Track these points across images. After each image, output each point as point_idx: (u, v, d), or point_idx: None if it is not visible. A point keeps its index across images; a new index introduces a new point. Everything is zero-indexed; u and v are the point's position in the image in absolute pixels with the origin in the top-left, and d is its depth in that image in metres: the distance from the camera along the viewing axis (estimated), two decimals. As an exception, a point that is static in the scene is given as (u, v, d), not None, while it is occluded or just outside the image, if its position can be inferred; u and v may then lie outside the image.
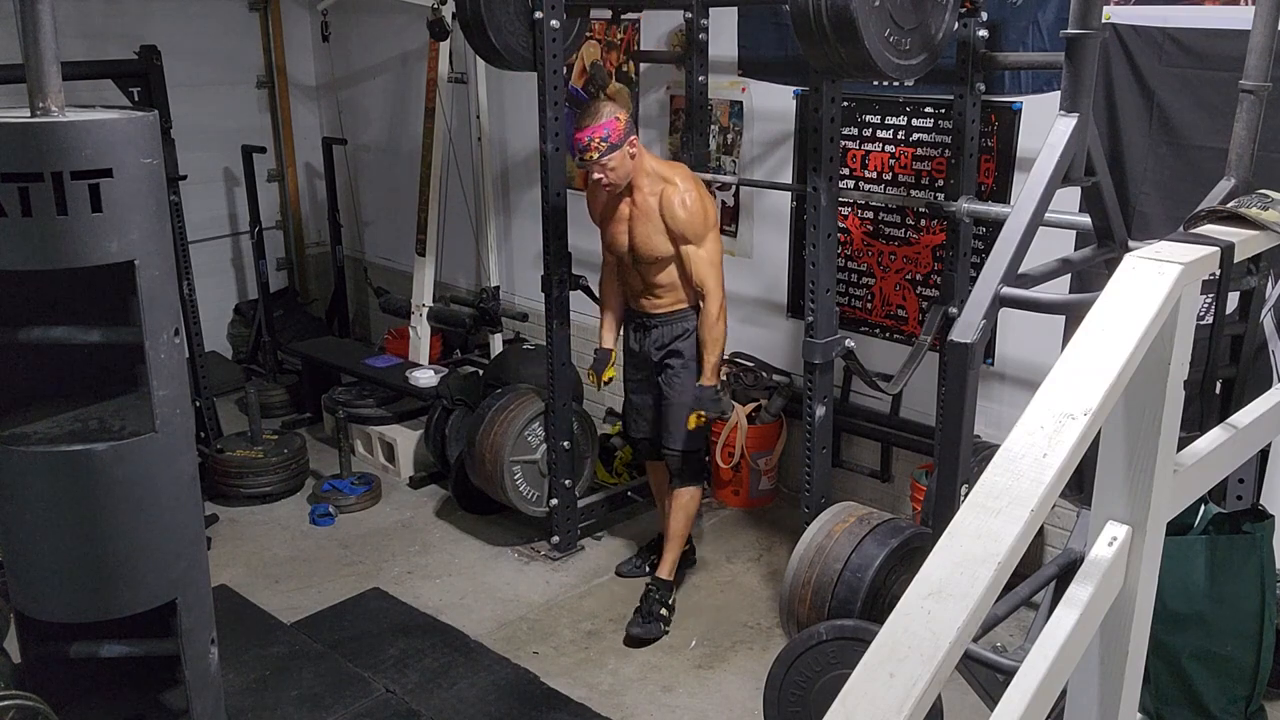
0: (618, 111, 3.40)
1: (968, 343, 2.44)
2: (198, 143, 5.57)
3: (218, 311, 6.22)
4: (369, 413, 5.13)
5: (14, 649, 2.94)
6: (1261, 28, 2.56)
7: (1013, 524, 1.08)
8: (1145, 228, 3.25)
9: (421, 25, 5.02)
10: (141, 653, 2.77)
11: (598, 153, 3.36)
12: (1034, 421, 1.19)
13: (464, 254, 5.87)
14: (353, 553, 4.32)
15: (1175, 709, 2.88)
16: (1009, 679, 1.40)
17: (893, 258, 4.13)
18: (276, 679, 3.46)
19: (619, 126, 3.36)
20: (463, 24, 3.93)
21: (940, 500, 2.67)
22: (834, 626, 2.88)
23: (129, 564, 2.52)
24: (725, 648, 3.64)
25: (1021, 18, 3.55)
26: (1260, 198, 1.72)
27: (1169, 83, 3.24)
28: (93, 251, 2.30)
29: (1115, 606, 1.43)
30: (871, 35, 2.77)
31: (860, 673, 0.98)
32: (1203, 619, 2.79)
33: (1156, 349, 1.33)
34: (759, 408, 4.48)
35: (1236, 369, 2.88)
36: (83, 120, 2.28)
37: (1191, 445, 1.57)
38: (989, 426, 3.75)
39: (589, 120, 3.36)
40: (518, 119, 5.37)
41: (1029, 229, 2.51)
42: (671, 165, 3.63)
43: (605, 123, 3.34)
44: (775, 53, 4.30)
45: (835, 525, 3.34)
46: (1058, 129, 2.59)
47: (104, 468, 2.43)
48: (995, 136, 3.71)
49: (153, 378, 2.44)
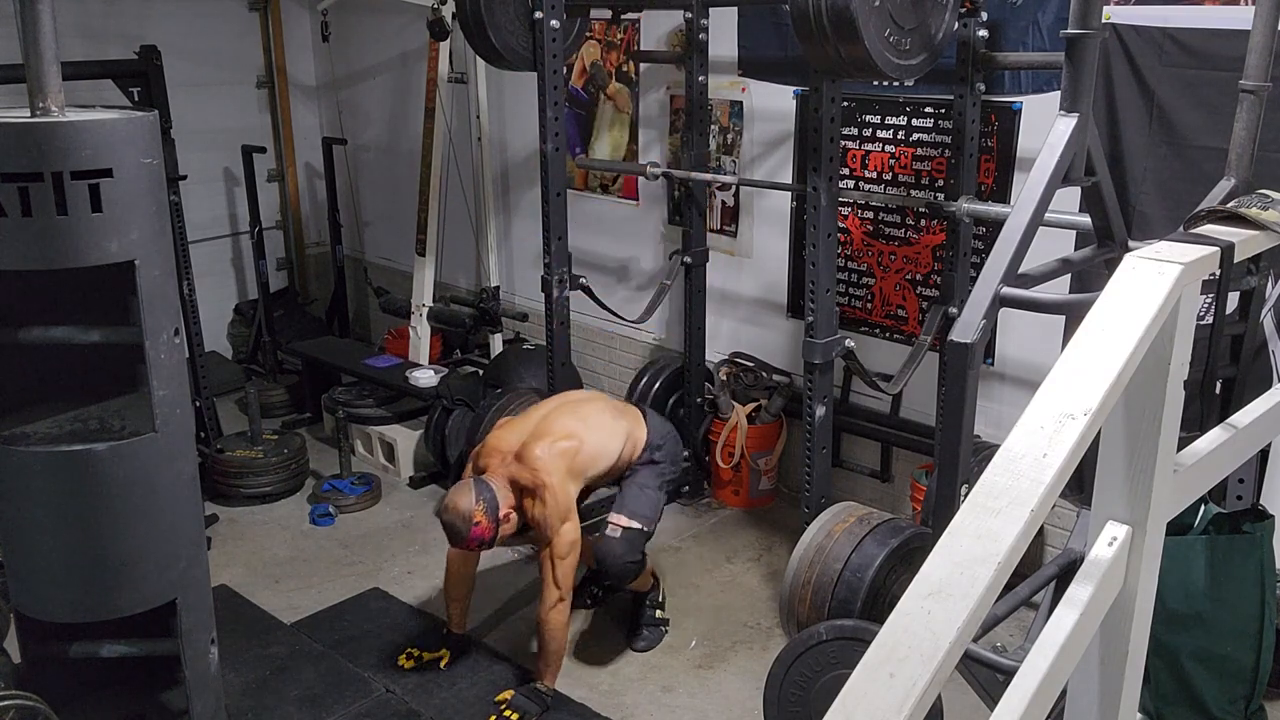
0: (472, 508, 3.14)
1: (968, 343, 2.44)
2: (198, 143, 5.57)
3: (218, 311, 6.22)
4: (369, 413, 5.13)
5: (14, 649, 2.94)
6: (1261, 28, 2.56)
7: (1013, 524, 1.08)
8: (1145, 228, 3.25)
9: (421, 25, 5.02)
10: (141, 653, 2.77)
11: (486, 548, 3.28)
12: (1034, 421, 1.19)
13: (464, 254, 5.87)
14: (353, 553, 4.32)
15: (1175, 709, 2.88)
16: (1009, 679, 1.40)
17: (893, 258, 4.13)
18: (276, 679, 3.45)
19: (483, 527, 3.16)
20: (463, 24, 3.93)
21: (940, 500, 2.67)
22: (834, 626, 2.87)
23: (129, 564, 2.53)
24: (725, 648, 3.64)
25: (1021, 18, 3.55)
26: (1260, 198, 1.71)
27: (1169, 83, 3.24)
28: (93, 251, 2.31)
29: (1115, 606, 1.43)
30: (871, 35, 2.77)
31: (860, 673, 0.98)
32: (1203, 619, 2.79)
33: (1156, 349, 1.33)
34: (759, 408, 4.48)
35: (1236, 369, 2.88)
36: (83, 120, 2.28)
37: (1191, 445, 1.57)
38: (989, 426, 3.75)
39: (456, 538, 3.19)
40: (518, 119, 5.37)
41: (1029, 229, 2.51)
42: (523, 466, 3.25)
43: (472, 535, 3.16)
44: (775, 53, 4.30)
45: (835, 525, 3.34)
46: (1058, 129, 2.59)
47: (104, 468, 2.43)
48: (995, 136, 3.71)
49: (153, 378, 2.44)
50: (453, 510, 3.19)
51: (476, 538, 3.18)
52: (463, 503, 3.18)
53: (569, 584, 3.27)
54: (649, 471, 3.55)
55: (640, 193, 4.96)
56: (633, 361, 5.12)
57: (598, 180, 5.14)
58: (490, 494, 3.21)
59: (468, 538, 3.18)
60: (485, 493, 3.21)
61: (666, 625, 3.73)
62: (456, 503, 3.19)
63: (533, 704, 3.26)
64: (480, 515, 3.17)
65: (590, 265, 5.02)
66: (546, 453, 3.26)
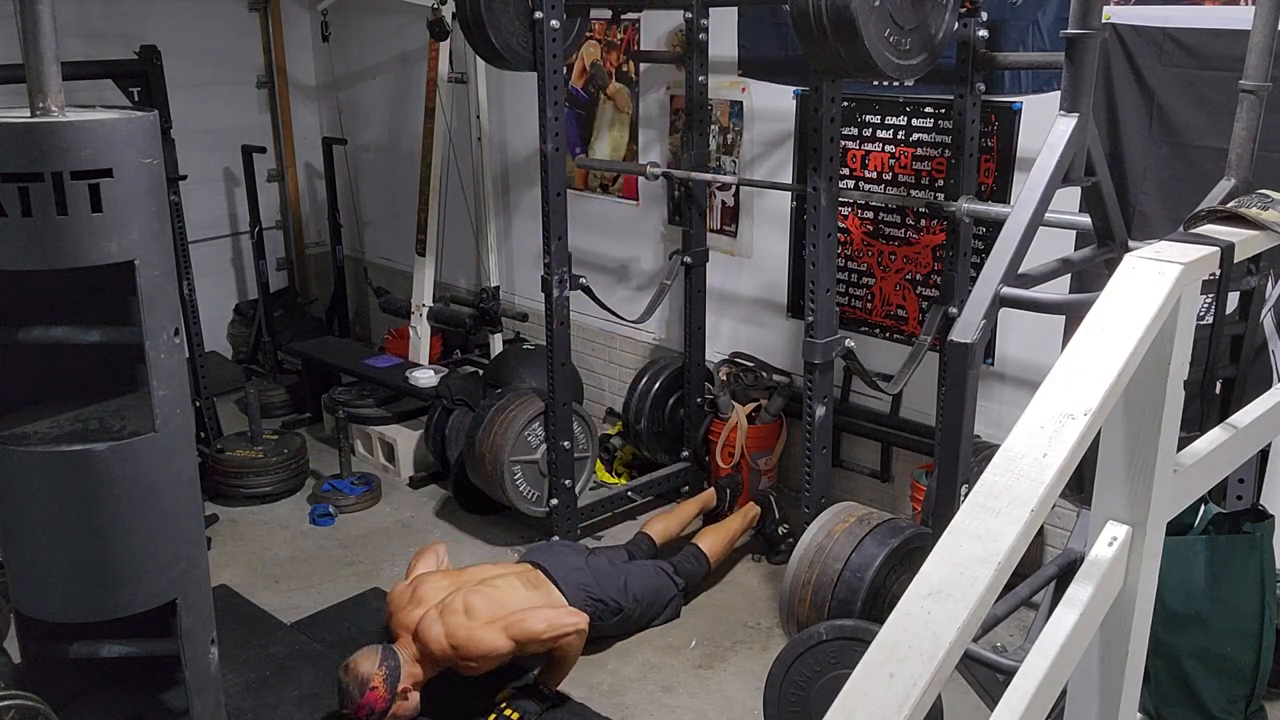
0: (371, 675, 3.05)
1: (968, 343, 2.44)
2: (198, 143, 5.57)
3: (218, 311, 6.22)
4: (369, 413, 5.13)
5: (14, 649, 2.94)
6: (1261, 28, 2.56)
7: (1013, 524, 1.08)
8: (1145, 228, 3.25)
9: (421, 25, 5.02)
10: (141, 653, 2.77)
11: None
12: (1034, 421, 1.19)
13: (464, 254, 5.87)
14: (353, 553, 4.32)
15: (1175, 709, 2.88)
16: (1009, 679, 1.40)
17: (893, 258, 4.13)
18: (276, 679, 3.46)
19: (380, 693, 3.04)
20: (463, 24, 3.93)
21: (940, 500, 2.67)
22: (834, 626, 2.87)
23: (129, 564, 2.53)
24: (725, 648, 3.64)
25: (1021, 18, 3.55)
26: (1260, 198, 1.71)
27: (1169, 83, 3.24)
28: (93, 251, 2.30)
29: (1115, 606, 1.43)
30: (871, 35, 2.77)
31: (860, 673, 0.98)
32: (1203, 619, 2.79)
33: (1156, 349, 1.33)
34: (759, 408, 4.48)
35: (1236, 369, 2.88)
36: (83, 120, 2.28)
37: (1191, 445, 1.57)
38: (989, 426, 3.75)
39: (348, 700, 3.07)
40: (518, 119, 5.37)
41: (1029, 229, 2.51)
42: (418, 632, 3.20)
43: (364, 700, 3.03)
44: (775, 53, 4.30)
45: (835, 525, 3.34)
46: (1058, 129, 2.59)
47: (104, 468, 2.43)
48: (995, 136, 3.70)
49: (153, 378, 2.44)
50: (352, 671, 3.09)
51: (367, 704, 3.03)
52: (364, 666, 3.08)
53: (570, 620, 3.24)
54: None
55: (640, 193, 4.96)
56: (633, 361, 5.12)
57: (598, 180, 5.14)
58: (394, 665, 3.11)
59: (358, 703, 3.04)
60: (390, 661, 3.11)
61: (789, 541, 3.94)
62: (358, 664, 3.10)
63: (533, 704, 3.25)
64: (379, 682, 3.05)
65: (590, 265, 5.02)
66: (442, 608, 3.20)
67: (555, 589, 3.46)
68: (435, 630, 3.18)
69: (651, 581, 3.67)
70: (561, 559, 3.62)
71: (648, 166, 4.39)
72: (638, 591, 3.62)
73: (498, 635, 3.17)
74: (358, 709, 3.07)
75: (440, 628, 3.18)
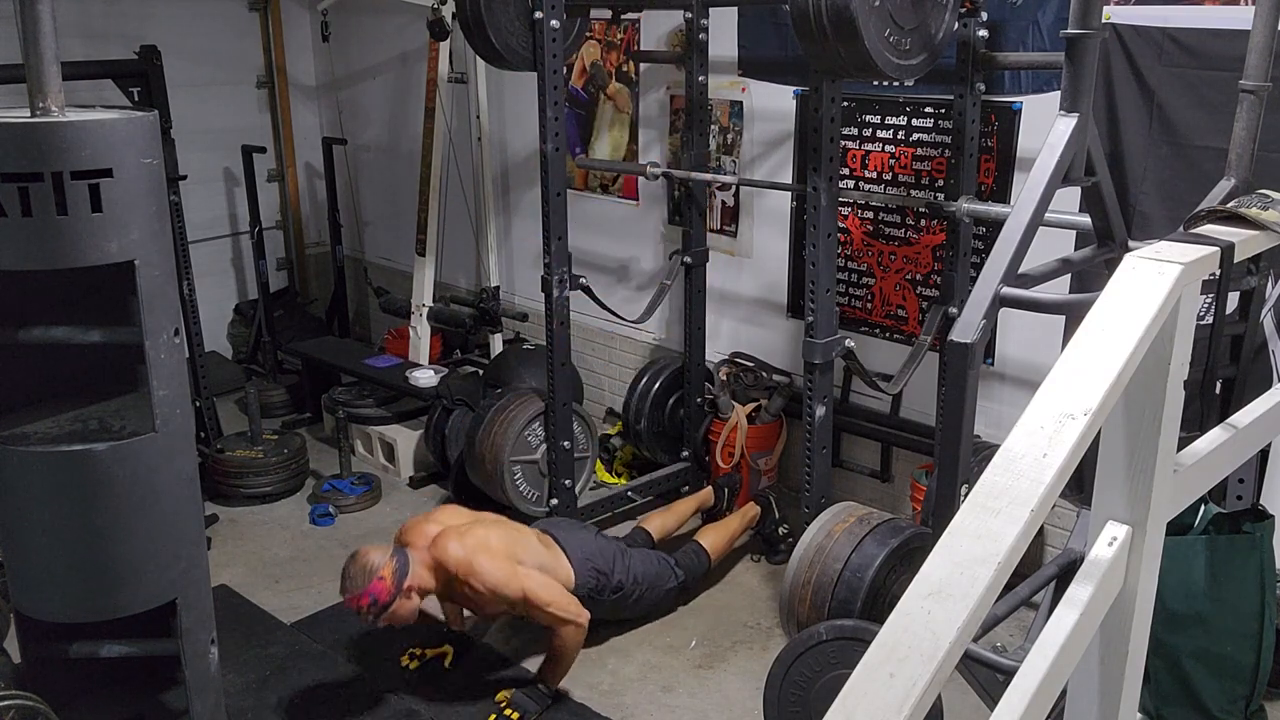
0: (379, 566, 3.07)
1: (968, 343, 2.44)
2: (198, 143, 5.57)
3: (218, 311, 6.22)
4: (369, 413, 5.13)
5: (14, 649, 2.94)
6: (1261, 28, 2.56)
7: (1013, 524, 1.08)
8: (1145, 228, 3.25)
9: (421, 25, 5.02)
10: (141, 653, 2.77)
11: (374, 615, 3.09)
12: (1034, 421, 1.19)
13: (464, 254, 5.87)
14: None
15: (1175, 709, 2.88)
16: (1009, 679, 1.40)
17: (893, 258, 4.13)
18: (276, 679, 3.46)
19: (385, 585, 3.05)
20: (463, 24, 3.93)
21: (940, 500, 2.67)
22: (834, 626, 2.87)
23: (129, 564, 2.53)
24: (725, 648, 3.64)
25: (1021, 18, 3.55)
26: (1260, 198, 1.71)
27: (1169, 83, 3.24)
28: (93, 251, 2.30)
29: (1115, 606, 1.43)
30: (871, 35, 2.77)
31: (860, 673, 0.98)
32: (1203, 619, 2.79)
33: (1156, 349, 1.33)
34: (759, 408, 4.48)
35: (1236, 369, 2.88)
36: (83, 120, 2.28)
37: (1191, 445, 1.57)
38: (989, 426, 3.75)
39: (351, 586, 3.08)
40: (518, 119, 5.37)
41: (1029, 229, 2.51)
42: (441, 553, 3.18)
43: (370, 587, 3.04)
44: (775, 53, 4.30)
45: (835, 525, 3.34)
46: (1058, 129, 2.59)
47: (104, 468, 2.43)
48: (995, 136, 3.70)
49: (153, 378, 2.44)
50: (361, 559, 3.10)
51: (371, 594, 3.03)
52: (374, 556, 3.11)
53: (572, 609, 3.24)
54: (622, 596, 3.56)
55: (640, 193, 4.96)
56: (633, 361, 5.12)
57: (598, 180, 5.14)
58: (404, 562, 3.13)
59: (363, 589, 3.03)
60: (400, 559, 3.13)
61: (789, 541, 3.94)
62: (368, 553, 3.12)
63: (533, 703, 3.25)
64: (387, 574, 3.06)
65: (590, 265, 5.02)
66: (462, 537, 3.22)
67: (564, 556, 3.47)
68: (453, 546, 3.18)
69: (653, 568, 3.68)
70: (570, 531, 3.65)
71: (648, 166, 4.39)
72: (639, 573, 3.62)
73: (511, 577, 3.16)
74: (361, 596, 3.04)
75: (459, 547, 3.17)
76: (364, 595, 3.05)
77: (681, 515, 4.14)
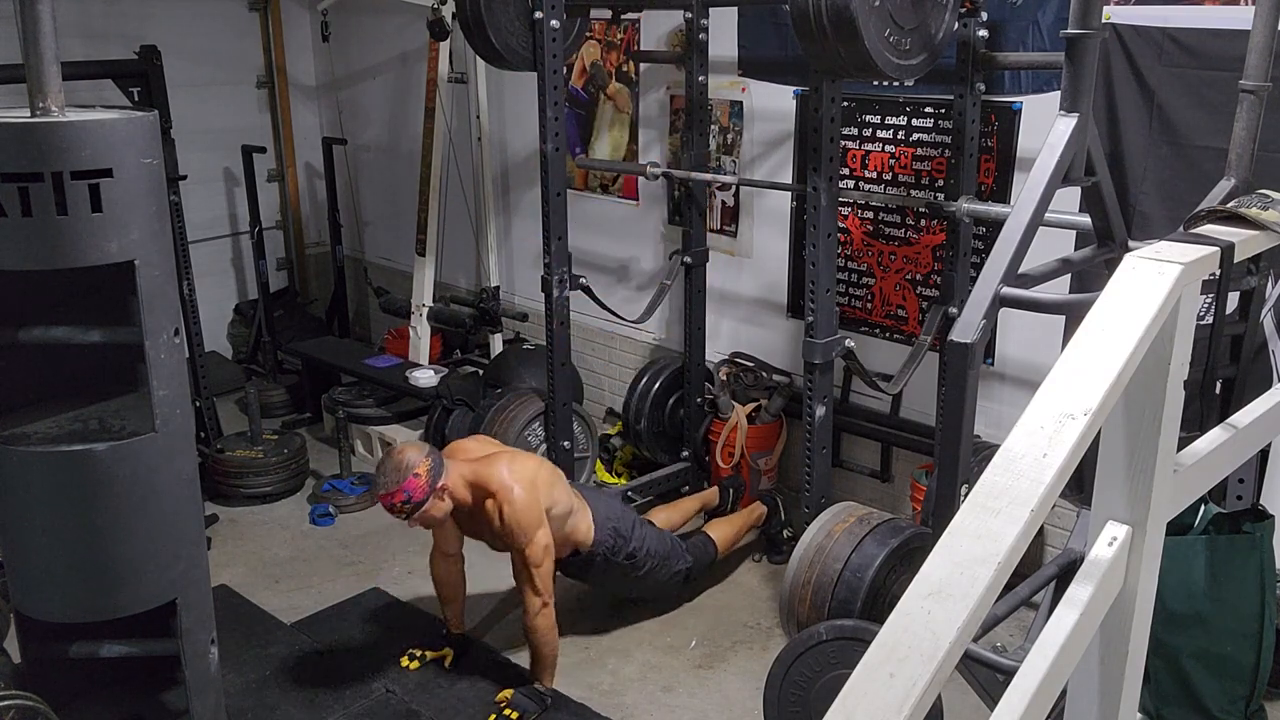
0: (417, 464, 3.06)
1: (968, 343, 2.44)
2: (198, 143, 5.57)
3: (218, 311, 6.22)
4: (369, 413, 5.13)
5: (14, 649, 2.94)
6: (1261, 28, 2.56)
7: (1013, 524, 1.08)
8: (1145, 228, 3.25)
9: (421, 25, 5.02)
10: (141, 653, 2.77)
11: (405, 514, 3.09)
12: (1034, 421, 1.19)
13: (464, 254, 5.87)
14: (353, 553, 4.32)
15: (1175, 709, 2.88)
16: (1009, 679, 1.40)
17: (893, 258, 4.13)
18: (276, 679, 3.45)
19: (420, 484, 3.05)
20: (463, 24, 3.93)
21: (940, 500, 2.67)
22: (834, 626, 2.88)
23: (129, 564, 2.53)
24: (725, 648, 3.64)
25: (1021, 18, 3.55)
26: (1260, 198, 1.71)
27: (1169, 83, 3.24)
28: (93, 251, 2.31)
29: (1115, 606, 1.43)
30: (871, 35, 2.77)
31: (860, 673, 0.98)
32: (1203, 619, 2.79)
33: (1156, 349, 1.33)
34: (759, 408, 4.48)
35: (1236, 369, 2.88)
36: (83, 120, 2.28)
37: (1191, 445, 1.57)
38: (989, 426, 3.75)
39: (385, 483, 3.06)
40: (518, 119, 5.37)
41: (1029, 229, 2.51)
42: (489, 470, 3.22)
43: (405, 484, 3.03)
44: (775, 53, 4.30)
45: (835, 525, 3.34)
46: (1058, 129, 2.59)
47: (104, 468, 2.43)
48: (995, 136, 3.70)
49: (153, 378, 2.44)
50: (398, 455, 3.09)
51: (405, 490, 3.03)
52: (411, 453, 3.09)
53: (549, 588, 3.25)
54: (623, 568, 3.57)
55: (640, 193, 4.96)
56: (633, 361, 5.12)
57: (598, 180, 5.14)
58: (440, 464, 3.12)
59: (398, 486, 3.03)
60: (436, 460, 3.13)
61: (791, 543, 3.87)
62: (405, 450, 3.12)
63: (532, 703, 3.26)
64: (423, 471, 3.05)
65: (590, 265, 5.02)
66: (512, 462, 3.25)
67: (588, 511, 3.51)
68: (504, 469, 3.21)
69: (666, 546, 3.69)
70: (597, 495, 3.73)
71: (648, 166, 4.39)
72: (653, 548, 3.63)
73: (532, 526, 3.19)
74: (395, 493, 3.04)
75: (509, 473, 3.20)
76: (398, 492, 3.05)
77: (686, 512, 4.15)
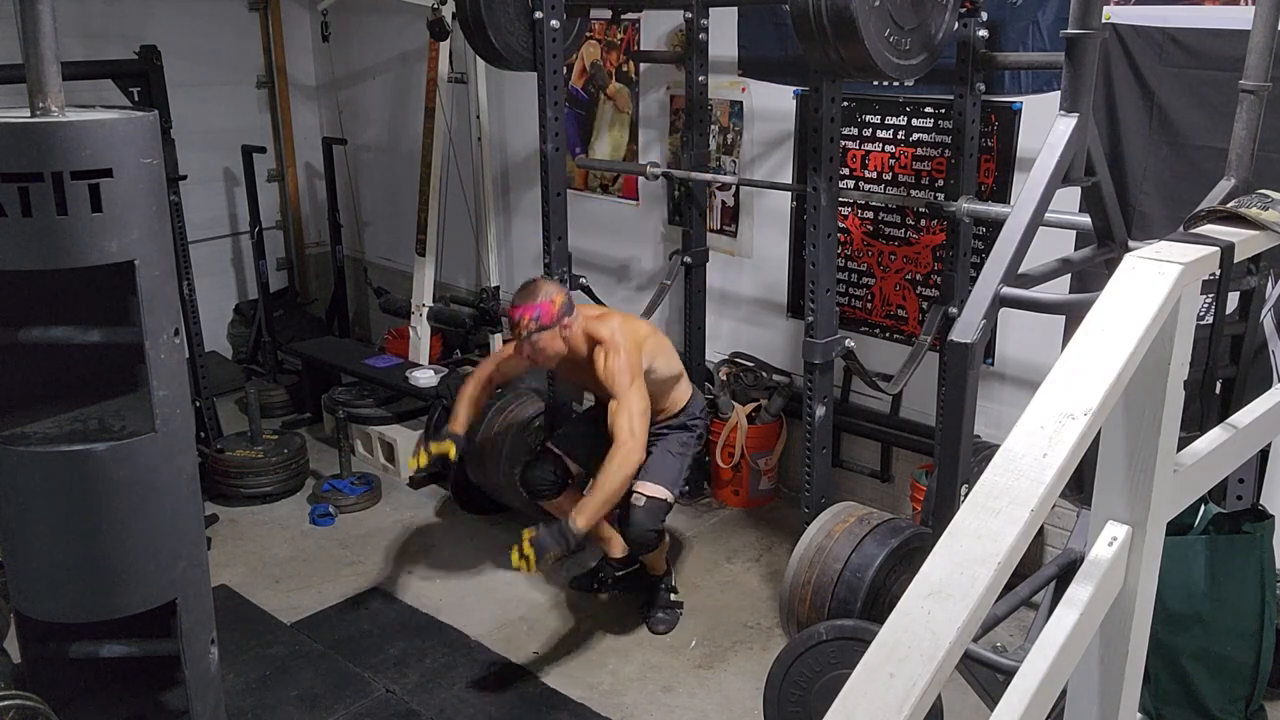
0: (554, 294, 3.30)
1: (968, 343, 2.44)
2: (198, 143, 5.57)
3: (218, 311, 6.21)
4: (369, 413, 5.13)
5: (14, 649, 2.94)
6: (1261, 28, 2.56)
7: (1013, 524, 1.08)
8: (1145, 228, 3.25)
9: (421, 25, 5.02)
10: (141, 653, 2.77)
11: (528, 331, 3.26)
12: (1034, 421, 1.19)
13: (464, 254, 5.87)
14: (353, 553, 4.32)
15: (1175, 709, 2.88)
16: (1009, 679, 1.40)
17: (893, 258, 4.13)
18: (276, 679, 3.46)
19: (552, 310, 3.26)
20: (463, 24, 3.93)
21: (940, 500, 2.67)
22: (834, 626, 2.87)
23: (129, 564, 2.53)
24: (725, 648, 3.64)
25: (1021, 18, 3.55)
26: (1260, 198, 1.72)
27: (1169, 83, 3.24)
28: (93, 251, 2.30)
29: (1115, 606, 1.43)
30: (871, 35, 2.77)
31: (860, 673, 0.98)
32: (1203, 619, 2.79)
33: (1156, 349, 1.33)
34: (759, 408, 4.48)
35: (1236, 369, 2.88)
36: (83, 120, 2.28)
37: (1191, 445, 1.57)
38: (989, 426, 3.75)
39: (526, 298, 3.28)
40: (518, 119, 5.37)
41: (1029, 229, 2.51)
42: (601, 323, 3.42)
43: (540, 304, 3.25)
44: (775, 53, 4.30)
45: (835, 525, 3.34)
46: (1058, 129, 2.59)
47: (104, 468, 2.43)
48: (995, 136, 3.71)
49: (153, 378, 2.44)
50: (540, 281, 3.36)
51: (537, 310, 3.24)
52: (552, 285, 3.36)
53: (643, 432, 3.29)
54: (680, 438, 3.66)
55: (640, 193, 4.96)
56: (633, 361, 5.11)
57: (598, 180, 5.14)
58: (572, 306, 3.35)
59: (535, 303, 3.24)
60: (570, 301, 3.36)
61: (681, 608, 3.80)
62: (546, 281, 3.40)
63: (555, 541, 3.12)
64: (559, 301, 3.28)
65: (590, 265, 5.01)
66: (623, 321, 3.47)
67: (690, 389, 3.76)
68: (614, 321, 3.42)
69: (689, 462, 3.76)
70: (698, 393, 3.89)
71: (648, 166, 4.39)
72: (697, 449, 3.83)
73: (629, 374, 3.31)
74: (527, 308, 3.25)
75: (619, 325, 3.41)
76: (531, 308, 3.24)
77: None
